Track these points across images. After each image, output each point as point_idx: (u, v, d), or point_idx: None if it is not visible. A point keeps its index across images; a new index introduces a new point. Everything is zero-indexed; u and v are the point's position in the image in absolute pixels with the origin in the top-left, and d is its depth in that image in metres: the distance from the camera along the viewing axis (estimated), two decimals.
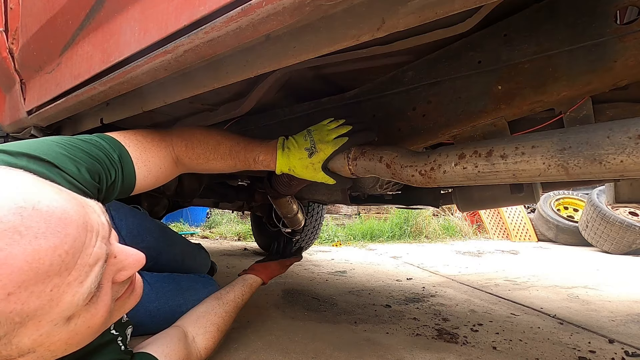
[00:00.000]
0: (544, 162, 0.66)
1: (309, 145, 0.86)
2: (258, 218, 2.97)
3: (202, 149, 0.88)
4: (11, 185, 0.38)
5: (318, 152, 0.85)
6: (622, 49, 0.69)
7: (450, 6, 0.42)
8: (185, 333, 0.94)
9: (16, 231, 0.36)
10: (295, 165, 0.86)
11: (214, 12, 0.48)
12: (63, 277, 0.39)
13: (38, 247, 0.37)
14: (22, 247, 0.36)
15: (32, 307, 0.37)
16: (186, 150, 0.88)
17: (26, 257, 0.36)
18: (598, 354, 1.18)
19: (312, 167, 0.86)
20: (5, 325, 0.36)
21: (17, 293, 0.36)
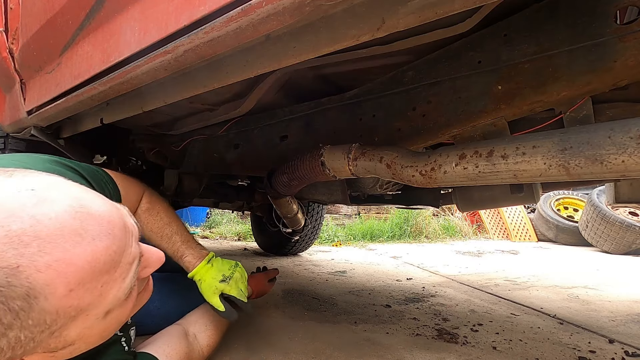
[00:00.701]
0: (545, 162, 0.66)
1: (229, 274, 1.01)
2: (258, 218, 2.97)
3: (155, 218, 1.00)
4: (67, 191, 0.42)
5: (227, 284, 0.99)
6: (622, 49, 0.69)
7: (450, 6, 0.42)
8: (186, 331, 0.94)
9: (77, 234, 0.39)
10: (206, 278, 0.98)
11: (214, 12, 0.48)
12: (111, 275, 0.43)
13: (95, 248, 0.41)
14: (83, 248, 0.40)
15: (86, 302, 0.41)
16: (145, 210, 1.00)
17: (86, 257, 0.40)
18: (598, 354, 1.18)
19: (215, 289, 0.98)
20: (62, 318, 0.39)
21: (77, 289, 0.39)
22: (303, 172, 1.07)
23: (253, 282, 1.25)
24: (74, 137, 1.25)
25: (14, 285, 0.35)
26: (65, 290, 0.38)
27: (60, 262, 0.37)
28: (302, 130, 1.21)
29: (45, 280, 0.36)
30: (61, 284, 0.38)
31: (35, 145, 1.55)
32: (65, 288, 0.38)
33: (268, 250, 3.10)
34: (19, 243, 0.35)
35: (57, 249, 0.37)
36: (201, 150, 1.47)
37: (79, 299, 0.40)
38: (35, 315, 0.37)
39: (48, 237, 0.37)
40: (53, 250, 0.37)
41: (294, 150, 1.20)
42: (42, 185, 0.40)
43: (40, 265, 0.36)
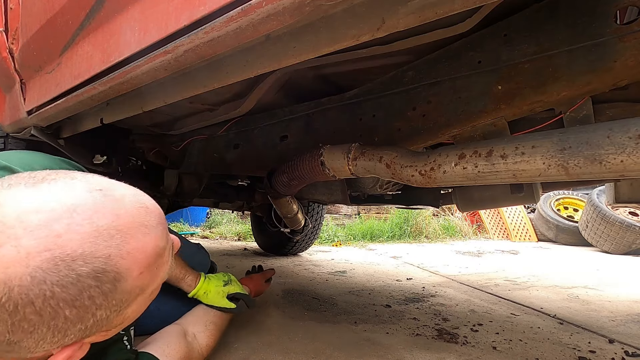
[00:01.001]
0: (544, 162, 0.66)
1: (227, 279, 1.14)
2: (258, 218, 2.97)
3: None
4: (126, 189, 0.48)
5: (230, 285, 1.13)
6: (622, 49, 0.69)
7: (450, 6, 0.42)
8: (185, 331, 0.94)
9: (144, 225, 0.46)
10: (211, 289, 1.08)
11: (214, 12, 0.48)
12: (163, 257, 0.49)
13: (156, 236, 0.47)
14: (150, 236, 0.46)
15: (147, 282, 0.47)
16: None
17: (152, 244, 0.46)
18: (598, 354, 1.18)
19: (222, 293, 1.09)
20: (130, 297, 0.45)
21: (145, 272, 0.46)
22: (303, 172, 1.07)
23: (251, 282, 1.29)
24: (74, 137, 1.25)
25: (107, 271, 0.41)
26: (138, 273, 0.44)
27: (136, 250, 0.44)
28: (302, 130, 1.21)
29: (126, 265, 0.43)
30: (136, 268, 0.44)
31: (35, 145, 1.55)
32: (138, 271, 0.44)
33: (268, 250, 3.10)
34: (107, 236, 0.42)
35: (134, 238, 0.44)
36: (201, 150, 1.47)
37: (144, 279, 0.46)
38: (117, 296, 0.43)
39: (126, 229, 0.44)
40: (131, 240, 0.44)
41: (294, 150, 1.20)
42: (104, 185, 0.46)
43: (124, 253, 0.43)
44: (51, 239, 0.39)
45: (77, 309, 0.40)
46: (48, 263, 0.38)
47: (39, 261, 0.38)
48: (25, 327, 0.38)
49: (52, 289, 0.38)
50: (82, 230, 0.40)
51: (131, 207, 0.46)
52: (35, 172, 0.45)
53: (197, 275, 1.09)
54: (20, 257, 0.37)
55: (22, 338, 0.39)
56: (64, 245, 0.39)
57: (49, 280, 0.38)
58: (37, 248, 0.38)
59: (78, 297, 0.40)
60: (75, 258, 0.39)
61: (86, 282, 0.40)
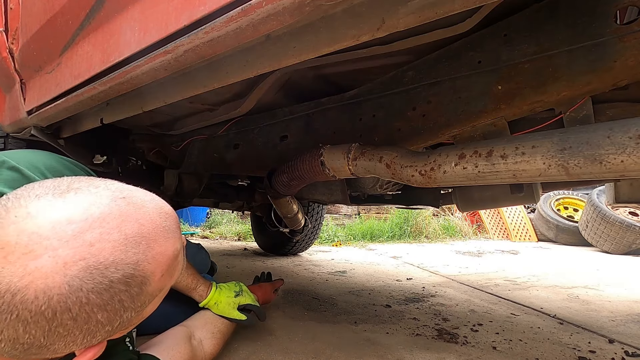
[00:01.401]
0: (544, 162, 0.66)
1: (238, 290, 1.15)
2: (258, 218, 2.97)
3: None
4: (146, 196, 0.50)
5: (242, 296, 1.13)
6: (622, 49, 0.69)
7: (450, 6, 0.42)
8: (191, 334, 0.94)
9: (165, 230, 0.49)
10: (222, 299, 1.09)
11: (214, 12, 0.48)
12: (178, 258, 0.52)
13: (174, 241, 0.50)
14: (170, 242, 0.49)
15: (166, 283, 0.50)
16: None
17: (172, 248, 0.49)
18: (598, 354, 1.18)
19: (233, 304, 1.10)
20: (151, 298, 0.48)
21: (165, 275, 0.48)
22: (303, 172, 1.07)
23: (260, 290, 1.30)
24: (74, 137, 1.25)
25: (135, 276, 0.44)
26: (160, 275, 0.47)
27: (160, 254, 0.47)
28: (302, 130, 1.21)
29: (151, 269, 0.46)
30: (159, 271, 0.47)
31: (35, 145, 1.55)
32: (160, 274, 0.47)
33: (268, 250, 3.10)
34: (134, 243, 0.44)
35: (157, 244, 0.47)
36: (201, 150, 1.47)
37: (165, 281, 0.49)
38: (142, 298, 0.46)
39: (150, 235, 0.46)
40: (155, 246, 0.46)
41: (294, 150, 1.20)
42: (126, 192, 0.48)
43: (149, 258, 0.45)
44: (85, 249, 0.41)
45: (108, 313, 0.43)
46: (84, 272, 0.40)
47: (75, 270, 0.40)
48: (61, 331, 0.40)
49: (87, 295, 0.40)
50: (112, 238, 0.43)
51: (152, 214, 0.48)
52: (58, 181, 0.47)
53: (208, 285, 1.10)
54: (58, 267, 0.39)
55: (55, 341, 0.41)
56: (97, 254, 0.41)
57: (84, 288, 0.40)
58: (73, 258, 0.40)
59: (110, 301, 0.42)
60: (107, 266, 0.42)
61: (117, 287, 0.42)
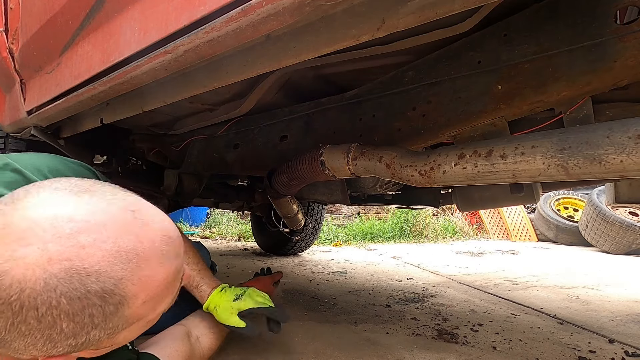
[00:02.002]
0: (544, 162, 0.66)
1: (240, 293, 1.02)
2: (258, 218, 2.97)
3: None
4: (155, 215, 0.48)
5: (241, 300, 1.00)
6: (622, 49, 0.69)
7: (450, 6, 0.42)
8: (188, 332, 0.94)
9: (162, 255, 0.46)
10: (221, 304, 0.99)
11: (214, 12, 0.48)
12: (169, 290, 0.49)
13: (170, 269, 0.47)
14: (164, 268, 0.46)
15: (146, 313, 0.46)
16: None
17: (164, 275, 0.46)
18: (598, 354, 1.18)
19: (231, 309, 0.98)
20: (126, 324, 0.45)
21: (148, 302, 0.45)
22: (303, 172, 1.07)
23: (258, 284, 1.24)
24: (74, 137, 1.25)
25: (114, 293, 0.41)
26: (142, 301, 0.44)
27: (147, 278, 0.44)
28: (302, 130, 1.21)
29: (134, 291, 0.43)
30: (142, 296, 0.44)
31: (35, 145, 1.55)
32: (142, 299, 0.44)
33: (268, 250, 3.10)
34: (125, 259, 0.42)
35: (148, 266, 0.44)
36: (201, 150, 1.47)
37: (145, 309, 0.45)
38: (115, 320, 0.43)
39: (144, 255, 0.44)
40: (146, 267, 0.44)
41: (294, 150, 1.20)
42: (138, 206, 0.47)
43: (135, 278, 0.43)
44: (74, 250, 0.40)
45: (75, 324, 0.40)
46: (64, 273, 0.39)
47: (56, 269, 0.39)
48: (22, 329, 0.39)
49: (59, 299, 0.39)
50: (104, 247, 0.41)
51: (155, 234, 0.46)
52: (83, 181, 0.47)
53: (212, 285, 1.02)
54: (42, 260, 0.39)
55: (15, 338, 0.39)
56: (84, 258, 0.40)
57: (58, 290, 0.39)
58: (59, 256, 0.39)
59: (79, 312, 0.40)
60: (90, 273, 0.40)
61: (92, 299, 0.40)
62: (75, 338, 0.41)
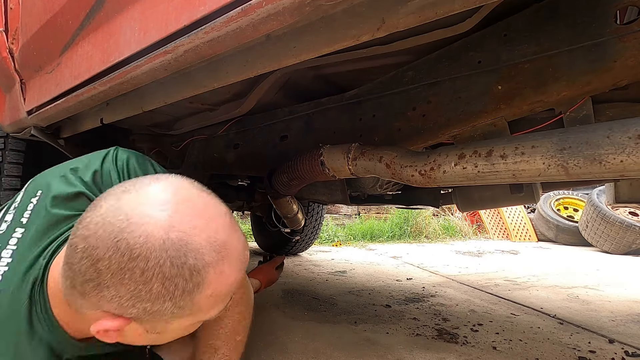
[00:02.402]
0: (544, 162, 0.66)
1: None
2: (258, 218, 2.97)
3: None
4: (233, 223, 0.54)
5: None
6: (622, 49, 0.69)
7: (450, 6, 0.42)
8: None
9: (240, 261, 0.52)
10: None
11: (214, 12, 0.48)
12: (226, 300, 0.54)
13: (238, 276, 0.52)
14: (238, 273, 0.52)
15: (205, 307, 0.51)
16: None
17: (234, 279, 0.51)
18: (598, 354, 1.18)
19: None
20: (187, 311, 0.48)
21: (212, 297, 0.49)
22: (303, 172, 1.07)
23: (260, 273, 1.23)
24: (74, 137, 1.25)
25: (199, 274, 0.46)
26: (210, 292, 0.48)
27: (224, 275, 0.49)
28: (302, 130, 1.21)
29: (211, 279, 0.47)
30: (213, 287, 0.48)
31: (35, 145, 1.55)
32: (211, 291, 0.48)
33: (268, 250, 3.11)
34: (217, 248, 0.48)
35: (230, 264, 0.49)
36: (201, 150, 1.47)
37: (206, 304, 0.49)
38: (187, 300, 0.47)
39: (231, 254, 0.49)
40: (227, 264, 0.49)
41: (294, 150, 1.20)
42: (228, 210, 0.53)
43: (218, 270, 0.48)
44: (191, 227, 0.47)
45: (163, 288, 0.45)
46: (178, 241, 0.45)
47: (174, 236, 0.45)
48: (125, 277, 0.44)
49: (165, 260, 0.44)
50: (208, 234, 0.48)
51: (239, 243, 0.52)
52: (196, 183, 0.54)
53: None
54: (167, 225, 0.45)
55: (112, 284, 0.44)
56: (194, 235, 0.46)
57: (168, 253, 0.44)
58: (179, 227, 0.46)
59: (171, 278, 0.45)
60: (192, 250, 0.46)
61: (184, 272, 0.45)
62: (153, 303, 0.45)
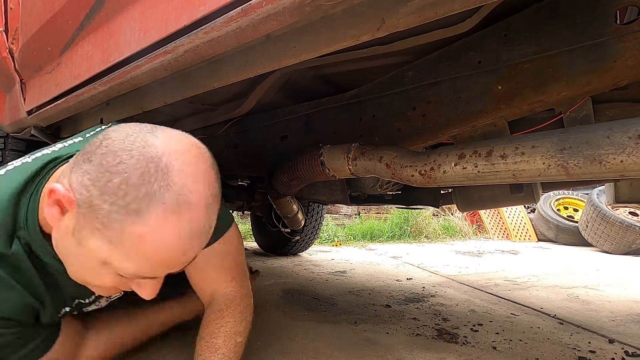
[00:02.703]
0: (544, 162, 0.66)
1: None
2: (258, 218, 2.97)
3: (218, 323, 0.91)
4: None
5: None
6: (622, 49, 0.69)
7: (450, 6, 0.42)
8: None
9: (207, 204, 0.52)
10: None
11: (214, 12, 0.48)
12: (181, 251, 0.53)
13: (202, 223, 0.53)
14: (202, 218, 0.52)
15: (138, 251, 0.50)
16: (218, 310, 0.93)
17: (199, 224, 0.52)
18: (598, 354, 1.18)
19: None
20: (123, 230, 0.48)
21: (151, 237, 0.48)
22: (303, 172, 1.07)
23: None
24: None
25: (148, 200, 0.47)
26: (138, 234, 0.47)
27: (165, 228, 0.48)
28: (302, 130, 1.21)
29: (150, 220, 0.47)
30: (145, 230, 0.47)
31: (35, 145, 1.55)
32: (140, 234, 0.47)
33: (268, 250, 3.10)
34: (180, 202, 0.48)
35: (177, 224, 0.48)
36: None
37: (128, 247, 0.48)
38: (118, 224, 0.47)
39: (189, 220, 0.49)
40: (174, 220, 0.48)
41: (294, 150, 1.20)
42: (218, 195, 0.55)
43: (164, 217, 0.47)
44: (183, 171, 0.49)
45: (117, 188, 0.46)
46: (163, 167, 0.48)
47: (165, 161, 0.48)
48: (108, 159, 0.48)
49: (140, 168, 0.47)
50: (189, 187, 0.49)
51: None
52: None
53: None
54: (169, 152, 0.49)
55: (93, 160, 0.48)
56: (179, 177, 0.48)
57: (149, 166, 0.47)
58: (176, 162, 0.49)
59: (130, 185, 0.46)
60: (165, 181, 0.47)
61: (141, 189, 0.46)
62: (100, 195, 0.47)
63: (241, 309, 0.86)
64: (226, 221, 0.87)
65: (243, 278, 0.91)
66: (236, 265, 0.89)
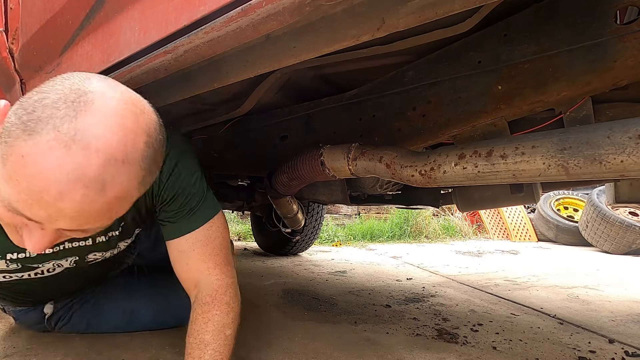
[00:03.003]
0: (544, 162, 0.66)
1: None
2: (258, 218, 2.97)
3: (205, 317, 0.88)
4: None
5: None
6: (622, 49, 0.69)
7: (450, 6, 0.42)
8: None
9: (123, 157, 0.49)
10: None
11: (214, 12, 0.48)
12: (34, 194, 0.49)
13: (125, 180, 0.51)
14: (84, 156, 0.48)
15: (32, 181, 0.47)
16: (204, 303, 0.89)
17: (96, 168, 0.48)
18: (598, 354, 1.18)
19: None
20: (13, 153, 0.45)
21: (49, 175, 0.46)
22: (303, 172, 1.07)
23: None
24: None
25: (36, 122, 0.44)
26: (18, 157, 0.44)
27: (46, 158, 0.44)
28: (302, 130, 1.21)
29: (36, 142, 0.44)
30: (25, 152, 0.44)
31: None
32: (20, 155, 0.44)
33: (268, 250, 3.10)
34: (71, 137, 0.44)
35: (61, 159, 0.44)
36: (201, 150, 1.47)
37: (7, 175, 0.45)
38: (4, 147, 0.45)
39: (115, 145, 0.47)
40: (59, 154, 0.44)
41: (294, 150, 1.20)
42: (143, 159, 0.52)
43: (48, 145, 0.44)
44: (105, 94, 0.48)
45: (44, 101, 0.45)
46: (77, 98, 0.46)
47: (85, 99, 0.46)
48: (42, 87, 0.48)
49: (60, 94, 0.46)
50: (118, 112, 0.48)
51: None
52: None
53: None
54: (97, 91, 0.48)
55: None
56: (90, 116, 0.45)
57: (65, 94, 0.46)
58: (102, 91, 0.48)
59: (56, 99, 0.45)
60: (95, 103, 0.46)
61: (38, 109, 0.45)
62: (21, 110, 0.45)
63: (227, 299, 0.83)
64: (211, 207, 0.86)
65: (228, 266, 0.87)
66: (220, 252, 0.86)
